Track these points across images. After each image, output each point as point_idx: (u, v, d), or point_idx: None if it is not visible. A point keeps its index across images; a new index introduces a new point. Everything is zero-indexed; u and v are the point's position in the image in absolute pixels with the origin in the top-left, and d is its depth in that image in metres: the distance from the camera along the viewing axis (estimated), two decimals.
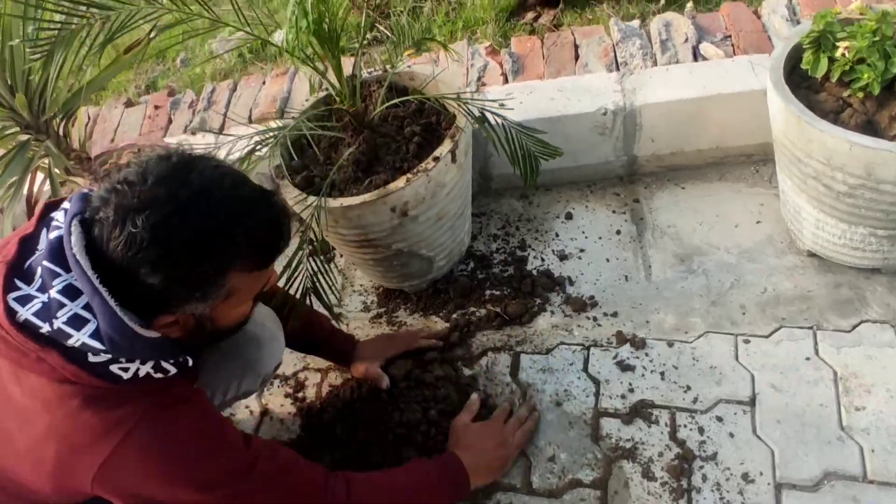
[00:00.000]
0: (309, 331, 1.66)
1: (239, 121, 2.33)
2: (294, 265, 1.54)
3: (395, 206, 1.58)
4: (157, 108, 2.52)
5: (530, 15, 2.87)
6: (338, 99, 1.65)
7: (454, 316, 1.87)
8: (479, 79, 2.22)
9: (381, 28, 2.69)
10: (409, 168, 1.65)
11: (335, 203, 1.57)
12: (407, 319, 1.91)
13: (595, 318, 1.77)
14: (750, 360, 1.59)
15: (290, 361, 1.90)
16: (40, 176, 1.85)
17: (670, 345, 1.67)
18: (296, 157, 1.75)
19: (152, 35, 1.37)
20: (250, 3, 3.79)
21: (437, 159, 1.57)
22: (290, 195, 1.64)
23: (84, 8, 1.38)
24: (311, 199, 1.58)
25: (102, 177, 1.87)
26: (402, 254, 1.76)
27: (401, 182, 1.55)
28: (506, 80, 2.19)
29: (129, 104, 2.61)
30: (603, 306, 1.79)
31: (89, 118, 1.90)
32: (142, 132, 2.47)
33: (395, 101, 1.65)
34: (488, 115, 1.63)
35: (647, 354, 1.66)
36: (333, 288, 1.63)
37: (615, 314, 1.77)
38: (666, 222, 1.93)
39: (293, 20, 1.37)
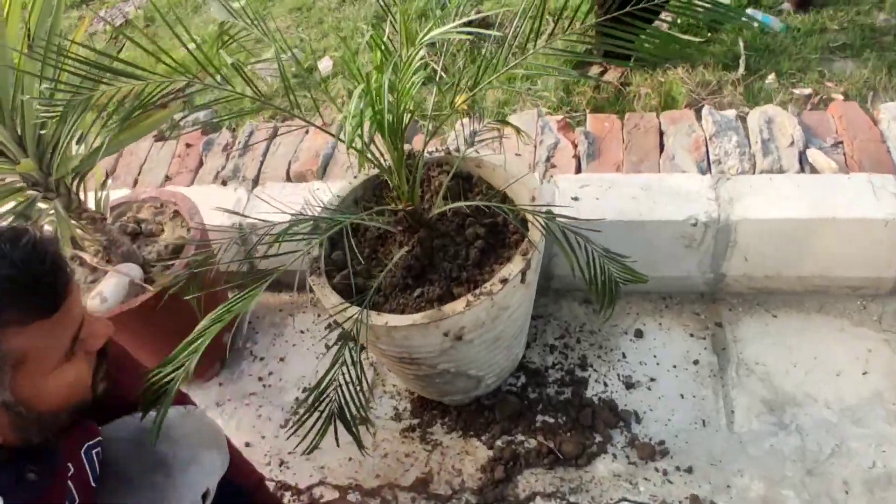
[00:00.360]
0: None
1: (275, 176, 2.10)
2: (323, 386, 1.29)
3: (450, 330, 1.34)
4: (188, 146, 2.30)
5: (596, 69, 2.62)
6: (394, 192, 1.41)
7: (498, 443, 1.62)
8: (548, 159, 1.97)
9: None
10: (468, 278, 1.41)
11: (379, 320, 1.33)
12: (444, 438, 1.66)
13: (665, 472, 1.51)
14: None
15: (306, 472, 1.66)
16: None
17: None
18: (336, 247, 1.52)
19: (185, 113, 1.13)
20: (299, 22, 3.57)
21: (504, 281, 1.32)
22: (328, 300, 1.39)
23: (109, 75, 1.15)
24: (352, 309, 1.34)
25: (115, 238, 1.65)
26: (448, 373, 1.51)
27: (459, 305, 1.30)
28: (579, 165, 1.94)
29: (159, 138, 2.39)
30: (675, 457, 1.53)
31: (107, 175, 1.68)
32: (169, 173, 2.25)
33: (461, 204, 1.40)
34: (570, 235, 1.38)
35: None
36: (361, 408, 1.38)
37: (689, 470, 1.50)
38: (753, 357, 1.66)
39: (356, 112, 1.13)
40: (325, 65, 3.05)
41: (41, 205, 1.50)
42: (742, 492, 1.45)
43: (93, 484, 1.07)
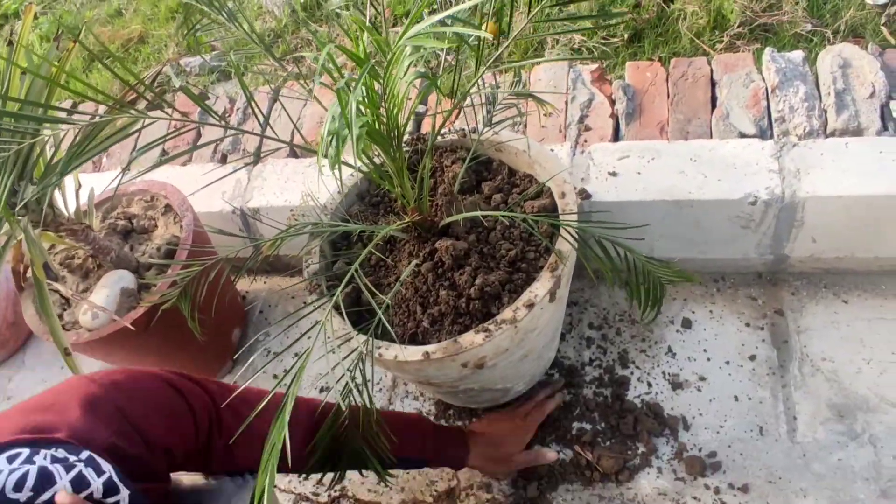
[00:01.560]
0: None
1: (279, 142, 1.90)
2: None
3: (468, 362, 1.17)
4: (184, 114, 2.10)
5: None
6: (399, 202, 1.21)
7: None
8: (581, 119, 1.72)
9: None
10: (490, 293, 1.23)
11: (387, 354, 1.17)
12: None
13: (717, 491, 1.35)
14: None
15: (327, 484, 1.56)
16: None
17: None
18: (338, 249, 1.34)
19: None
20: None
21: (530, 306, 1.13)
22: (330, 324, 1.23)
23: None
24: (358, 337, 1.18)
25: (102, 246, 1.50)
26: (472, 390, 1.36)
27: (478, 338, 1.13)
28: (617, 126, 1.69)
29: (151, 106, 2.19)
30: (728, 472, 1.37)
31: (80, 185, 1.51)
32: (166, 147, 2.06)
33: (478, 214, 1.19)
34: (609, 247, 1.17)
35: None
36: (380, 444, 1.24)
37: (745, 488, 1.34)
38: (820, 352, 1.46)
39: (332, 130, 0.92)
40: None
41: (8, 223, 1.35)
42: None
43: None
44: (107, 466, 0.84)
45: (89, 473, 0.81)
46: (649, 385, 1.51)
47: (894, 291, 1.50)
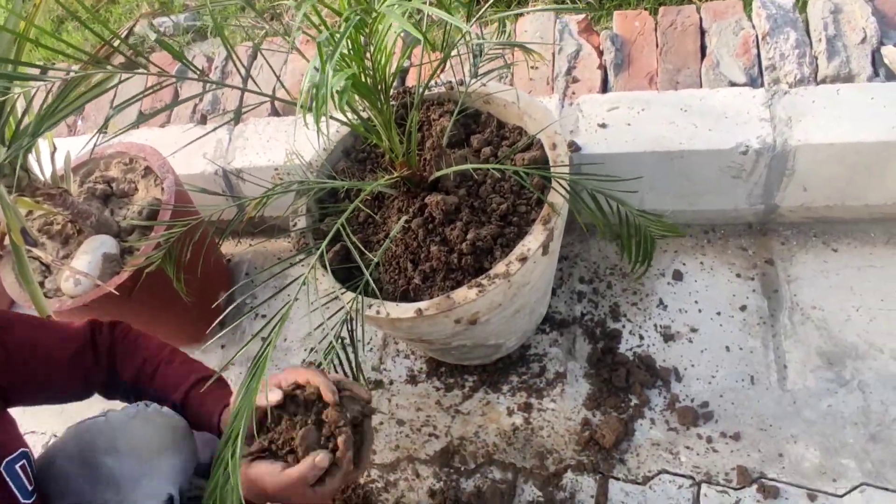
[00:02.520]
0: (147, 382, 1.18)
1: (260, 96, 1.85)
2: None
3: (462, 318, 1.16)
4: (161, 75, 2.03)
5: None
6: (387, 157, 1.19)
7: (523, 411, 1.48)
8: (569, 71, 1.69)
9: None
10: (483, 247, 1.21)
11: (380, 311, 1.15)
12: (464, 403, 1.53)
13: (709, 439, 1.37)
14: None
15: None
16: None
17: (812, 497, 1.27)
18: (325, 205, 1.32)
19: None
20: None
21: (523, 259, 1.12)
22: (320, 283, 1.21)
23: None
24: (347, 295, 1.16)
25: (81, 210, 1.46)
26: (465, 346, 1.35)
27: (471, 293, 1.11)
28: (605, 77, 1.66)
29: (129, 64, 2.12)
30: (720, 421, 1.38)
31: (55, 148, 1.45)
32: (143, 108, 2.01)
33: (468, 167, 1.16)
34: (602, 200, 1.15)
35: None
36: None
37: (736, 437, 1.36)
38: (810, 301, 1.47)
39: (313, 83, 0.88)
40: None
41: None
42: (795, 462, 1.31)
43: (22, 500, 0.97)
44: None
45: None
46: (641, 338, 1.51)
47: (884, 239, 1.50)
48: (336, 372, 1.15)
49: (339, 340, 1.11)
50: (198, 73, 1.11)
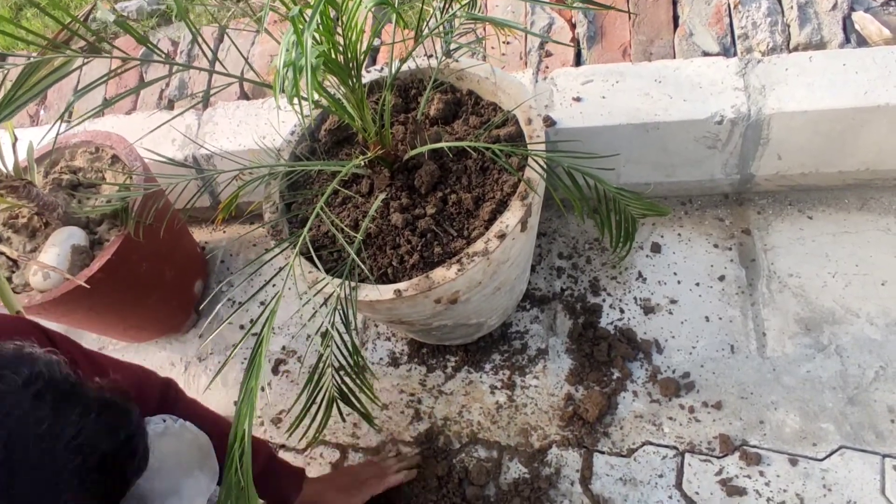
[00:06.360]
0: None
1: (228, 91, 1.81)
2: (316, 380, 1.13)
3: (442, 297, 1.14)
4: (124, 62, 1.98)
5: None
6: (360, 136, 1.16)
7: (506, 389, 1.48)
8: (542, 45, 1.67)
9: None
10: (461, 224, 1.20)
11: (360, 294, 1.13)
12: (447, 384, 1.52)
13: (692, 409, 1.38)
14: None
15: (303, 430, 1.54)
16: None
17: (793, 462, 1.28)
18: (299, 188, 1.29)
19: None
20: None
21: (502, 236, 1.11)
22: (298, 270, 1.19)
23: None
24: (329, 282, 1.14)
25: (47, 202, 1.42)
26: (446, 326, 1.34)
27: (450, 272, 1.10)
28: (578, 51, 1.64)
29: (90, 48, 2.06)
30: (702, 391, 1.39)
31: (16, 139, 1.40)
32: (107, 94, 1.95)
33: (444, 144, 1.14)
34: (578, 177, 1.14)
35: (762, 474, 1.28)
36: (365, 387, 1.22)
37: (718, 405, 1.37)
38: (786, 269, 1.48)
39: (288, 62, 0.86)
40: None
41: None
42: (776, 428, 1.32)
43: None
44: None
45: None
46: (621, 311, 1.51)
47: (857, 205, 1.51)
48: (333, 357, 1.13)
49: (333, 327, 1.09)
50: (162, 55, 1.07)
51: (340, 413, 1.28)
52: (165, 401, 1.15)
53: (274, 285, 1.05)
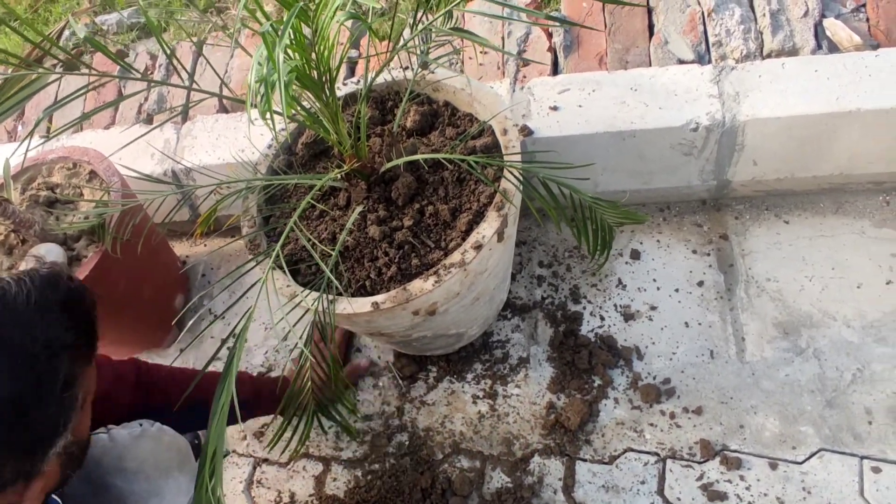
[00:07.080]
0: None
1: (207, 104, 1.81)
2: (296, 393, 1.13)
3: (420, 309, 1.15)
4: (102, 76, 1.97)
5: None
6: (336, 149, 1.16)
7: (488, 399, 1.48)
8: (519, 54, 1.68)
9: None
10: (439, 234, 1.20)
11: (337, 307, 1.13)
12: (429, 394, 1.52)
13: (672, 415, 1.38)
14: (881, 499, 1.23)
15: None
16: None
17: (773, 466, 1.29)
18: (276, 202, 1.29)
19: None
20: None
21: (479, 247, 1.11)
22: (277, 283, 1.19)
23: None
24: (305, 294, 1.14)
25: (24, 219, 1.41)
26: (426, 338, 1.34)
27: (428, 284, 1.10)
28: (555, 59, 1.65)
29: (68, 66, 2.05)
30: (682, 397, 1.40)
31: (15, 122, 1.39)
32: (85, 108, 1.94)
33: (420, 156, 1.14)
34: (553, 186, 1.14)
35: (742, 478, 1.29)
36: (345, 400, 1.23)
37: (698, 411, 1.37)
38: (764, 273, 1.49)
39: (260, 77, 0.86)
40: None
41: None
42: (756, 432, 1.33)
43: None
44: None
45: None
46: (602, 318, 1.52)
47: (832, 208, 1.53)
48: (313, 372, 1.13)
49: (311, 343, 1.09)
50: (136, 73, 1.07)
51: (321, 425, 1.29)
52: (139, 377, 1.19)
53: (248, 298, 1.05)
